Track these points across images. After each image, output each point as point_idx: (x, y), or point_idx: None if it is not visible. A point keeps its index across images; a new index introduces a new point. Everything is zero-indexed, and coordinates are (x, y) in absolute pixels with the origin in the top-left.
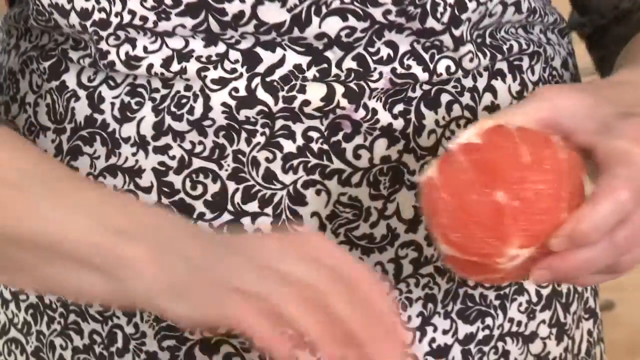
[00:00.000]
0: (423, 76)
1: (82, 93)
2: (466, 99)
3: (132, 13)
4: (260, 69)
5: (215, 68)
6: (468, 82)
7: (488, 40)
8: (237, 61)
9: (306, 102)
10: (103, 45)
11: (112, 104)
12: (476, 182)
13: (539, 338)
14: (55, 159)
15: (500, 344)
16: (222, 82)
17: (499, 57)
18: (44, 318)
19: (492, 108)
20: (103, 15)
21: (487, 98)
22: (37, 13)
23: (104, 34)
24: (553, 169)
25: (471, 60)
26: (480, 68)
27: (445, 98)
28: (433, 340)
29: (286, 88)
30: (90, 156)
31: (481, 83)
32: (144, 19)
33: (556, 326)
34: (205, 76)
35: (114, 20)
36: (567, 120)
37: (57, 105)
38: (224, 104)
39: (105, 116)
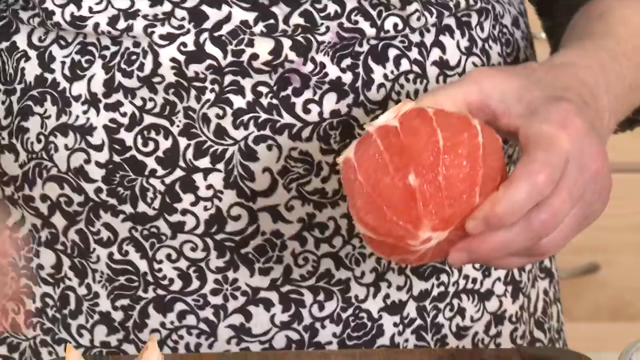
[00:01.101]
0: (370, 31)
1: (32, 53)
2: (414, 53)
3: None
4: (208, 24)
5: (162, 25)
6: (415, 37)
7: None
8: (183, 18)
9: (255, 56)
10: (48, 5)
11: (63, 63)
12: (389, 165)
13: (495, 295)
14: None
15: (455, 301)
16: (170, 38)
17: (446, 13)
18: None
19: (441, 63)
20: None
21: (436, 53)
22: None
23: None
24: (467, 153)
25: (418, 19)
26: (427, 25)
27: (392, 52)
28: (387, 296)
29: (234, 42)
30: (41, 116)
31: (428, 38)
32: None
33: (511, 284)
34: (153, 32)
35: None
36: (495, 103)
37: (7, 67)
38: (172, 59)
39: (56, 75)
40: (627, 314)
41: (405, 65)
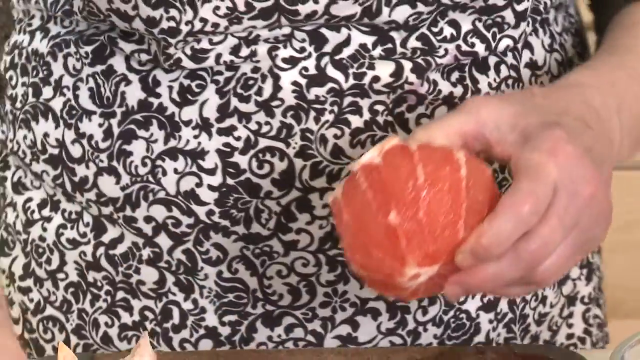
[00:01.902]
0: (484, 53)
1: (133, 77)
2: (509, 58)
3: (204, 21)
4: (328, 48)
5: (285, 47)
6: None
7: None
8: (304, 40)
9: (376, 79)
10: (171, 51)
11: (170, 87)
12: (373, 203)
13: (570, 279)
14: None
15: (539, 290)
16: (292, 61)
17: (538, 18)
18: (87, 296)
19: (532, 65)
20: (172, 23)
21: (526, 55)
22: (89, 14)
23: (172, 41)
24: (449, 187)
25: (527, 35)
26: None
27: (492, 60)
28: (484, 294)
29: (355, 65)
30: (147, 140)
31: (520, 41)
32: (216, 25)
33: (586, 267)
34: (276, 55)
35: (184, 29)
36: (490, 131)
37: (103, 89)
38: (294, 83)
39: (162, 100)
40: (620, 312)
41: (504, 71)
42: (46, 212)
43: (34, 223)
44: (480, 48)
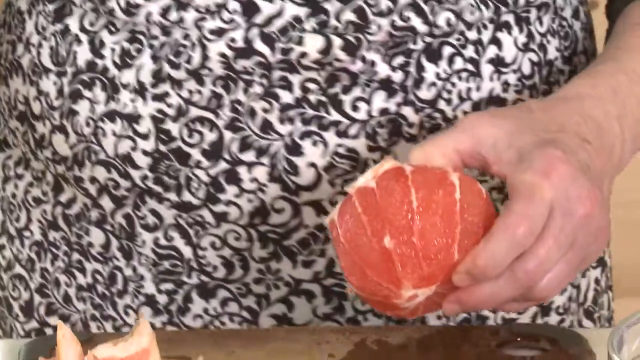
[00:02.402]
0: (422, 28)
1: (84, 37)
2: (469, 51)
3: None
4: (259, 19)
5: (213, 18)
6: (472, 35)
7: None
8: (235, 11)
9: (303, 54)
10: None
11: (113, 50)
12: (367, 227)
13: None
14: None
15: None
16: (219, 33)
17: (504, 9)
18: (48, 255)
19: (497, 61)
20: None
21: (492, 50)
22: None
23: None
24: (443, 211)
25: (472, 12)
26: (484, 20)
27: (447, 51)
28: None
29: (283, 39)
30: (91, 100)
31: (486, 36)
32: None
33: None
34: (202, 26)
35: None
36: (486, 149)
37: (60, 48)
38: (221, 54)
39: (106, 61)
40: (617, 291)
41: (459, 63)
42: (20, 169)
43: (9, 180)
44: (416, 22)
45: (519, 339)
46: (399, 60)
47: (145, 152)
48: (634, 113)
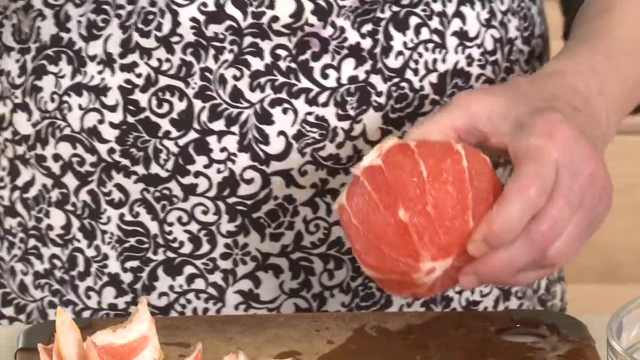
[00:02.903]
0: None
1: (48, 12)
2: (435, 23)
3: None
4: None
5: None
6: (437, 7)
7: None
8: None
9: (275, 18)
10: None
11: (79, 22)
12: (380, 204)
13: None
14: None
15: None
16: None
17: None
18: (4, 243)
19: (461, 34)
20: None
21: (456, 23)
22: None
23: None
24: (453, 179)
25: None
26: None
27: (414, 21)
28: None
29: (255, 3)
30: (56, 75)
31: (450, 8)
32: None
33: None
34: None
35: None
36: (483, 124)
37: (23, 25)
38: (192, 19)
39: (72, 34)
40: (617, 276)
41: (425, 34)
42: None
43: None
44: None
45: (518, 325)
46: (367, 27)
47: (112, 125)
48: (613, 90)
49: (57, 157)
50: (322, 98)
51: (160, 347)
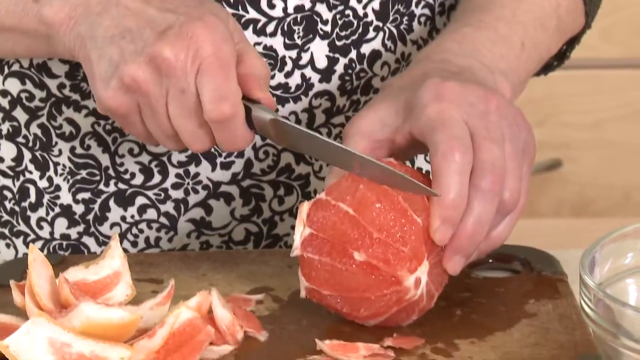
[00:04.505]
0: None
1: None
2: None
3: None
4: None
5: None
6: None
7: None
8: None
9: None
10: None
11: None
12: (334, 263)
13: None
14: None
15: None
16: None
17: None
18: None
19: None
20: None
21: None
22: None
23: None
24: (376, 197)
25: None
26: None
27: None
28: None
29: None
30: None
31: None
32: None
33: None
34: None
35: None
36: (381, 132)
37: None
38: None
39: None
40: (590, 211)
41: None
42: None
43: None
44: None
45: (490, 261)
46: None
47: (62, 60)
48: (491, 50)
49: (5, 93)
50: (270, 28)
51: (133, 283)
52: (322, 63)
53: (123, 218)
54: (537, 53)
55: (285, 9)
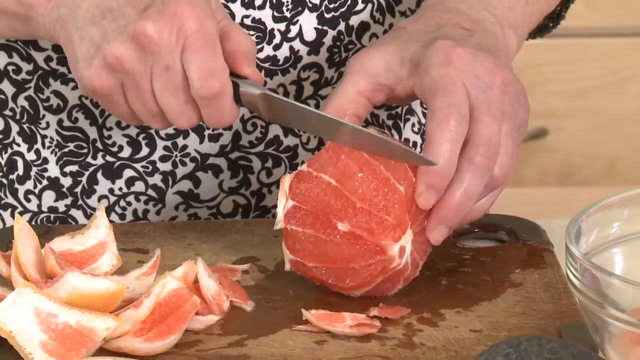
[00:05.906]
0: None
1: None
2: None
3: None
4: None
5: None
6: None
7: None
8: None
9: None
10: None
11: None
12: (318, 234)
13: None
14: None
15: None
16: None
17: None
18: None
19: None
20: None
21: None
22: None
23: None
24: (358, 166)
25: None
26: None
27: None
28: None
29: None
30: None
31: None
32: None
33: None
34: None
35: None
36: (384, 77)
37: None
38: None
39: None
40: (576, 179)
41: None
42: None
43: None
44: None
45: (476, 230)
46: None
47: None
48: (500, 4)
49: None
50: (258, 1)
51: (119, 253)
52: (310, 35)
53: (111, 191)
54: (539, 8)
55: None
